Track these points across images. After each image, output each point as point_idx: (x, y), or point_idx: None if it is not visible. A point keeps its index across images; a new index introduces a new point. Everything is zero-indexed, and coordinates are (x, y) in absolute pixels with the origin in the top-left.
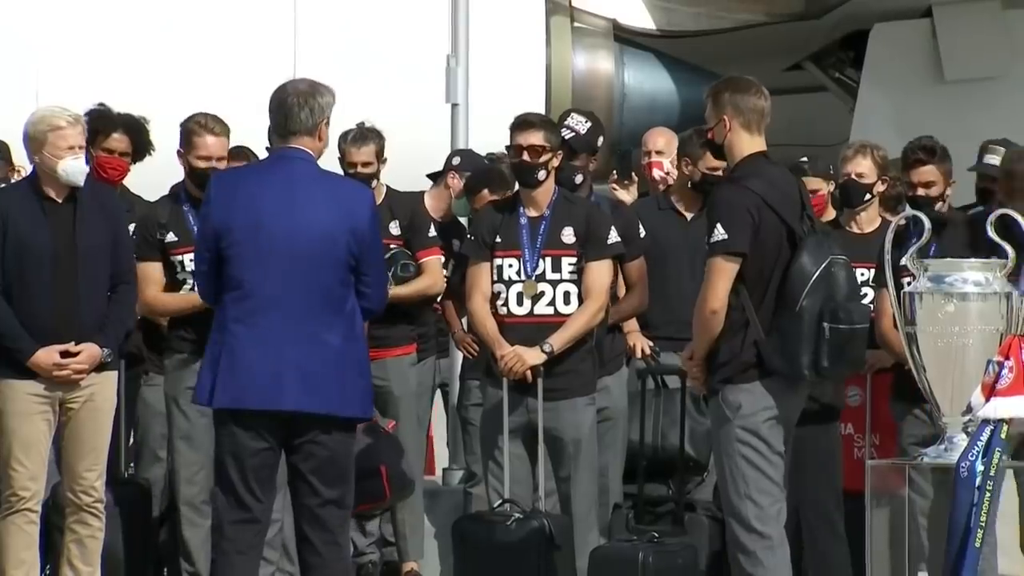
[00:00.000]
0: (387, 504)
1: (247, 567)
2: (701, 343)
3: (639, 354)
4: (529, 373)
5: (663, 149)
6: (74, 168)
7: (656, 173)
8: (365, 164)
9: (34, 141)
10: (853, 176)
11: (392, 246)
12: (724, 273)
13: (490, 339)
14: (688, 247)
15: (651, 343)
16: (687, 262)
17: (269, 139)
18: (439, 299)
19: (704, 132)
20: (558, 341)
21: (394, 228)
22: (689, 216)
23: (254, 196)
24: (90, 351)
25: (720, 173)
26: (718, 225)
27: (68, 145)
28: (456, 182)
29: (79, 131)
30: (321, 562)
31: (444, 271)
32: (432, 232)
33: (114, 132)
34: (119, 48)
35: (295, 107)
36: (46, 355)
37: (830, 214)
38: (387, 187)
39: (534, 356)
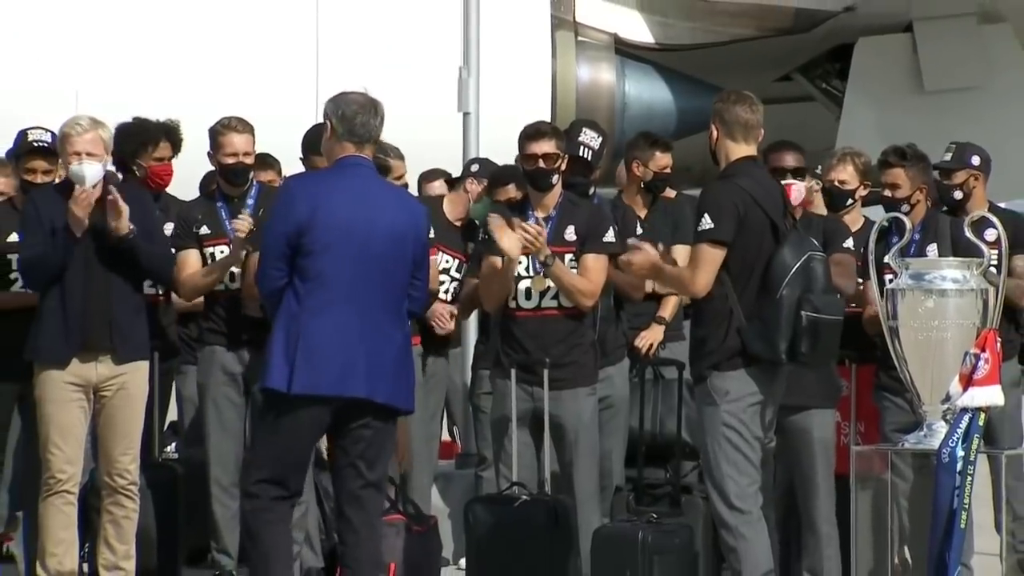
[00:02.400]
0: None
1: (287, 535)
2: (660, 279)
3: (642, 346)
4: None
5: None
6: (76, 172)
7: None
8: (400, 177)
9: (58, 146)
10: (836, 183)
11: None
12: (709, 259)
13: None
14: None
15: (653, 347)
16: None
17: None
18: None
19: (650, 136)
20: (556, 264)
21: None
22: (642, 215)
23: (334, 196)
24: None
25: (668, 171)
26: (705, 215)
27: (75, 151)
28: (474, 187)
29: (88, 138)
30: (357, 540)
31: (457, 274)
32: (431, 234)
33: (161, 141)
34: (150, 57)
35: (372, 115)
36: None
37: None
38: None
39: (543, 245)
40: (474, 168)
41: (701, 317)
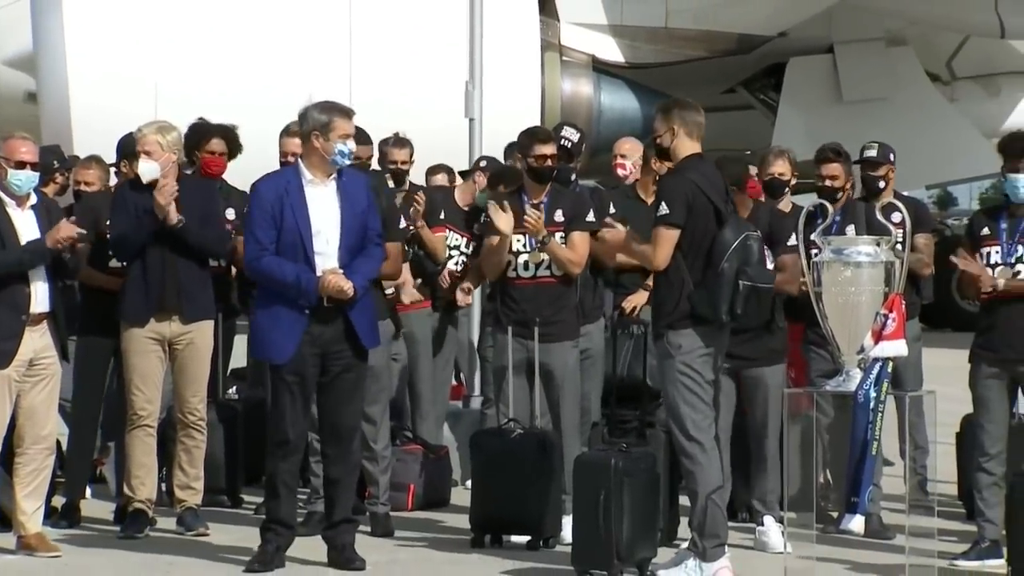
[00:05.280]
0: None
1: None
2: (630, 253)
3: (628, 308)
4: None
5: (626, 153)
6: (140, 167)
7: (620, 171)
8: (403, 162)
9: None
10: (776, 175)
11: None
12: (666, 239)
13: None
14: (650, 224)
15: (638, 309)
16: (650, 236)
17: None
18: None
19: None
20: (552, 242)
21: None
22: (650, 201)
23: None
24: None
25: None
26: (663, 203)
27: (138, 150)
28: (482, 179)
29: (147, 140)
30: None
31: (467, 250)
32: (442, 215)
33: (213, 138)
34: (222, 55)
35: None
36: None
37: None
38: (411, 183)
39: (542, 229)
40: (483, 164)
41: (659, 286)
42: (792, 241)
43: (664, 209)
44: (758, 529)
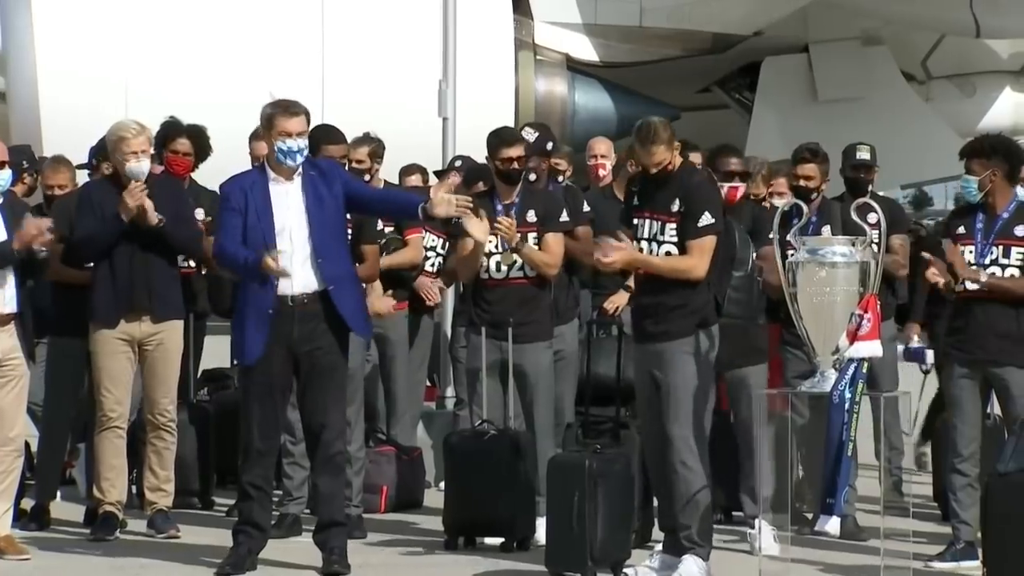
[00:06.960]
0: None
1: None
2: (649, 269)
3: (610, 309)
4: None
5: (605, 153)
6: (134, 168)
7: (600, 172)
8: (359, 161)
9: (110, 145)
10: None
11: (386, 229)
12: (711, 248)
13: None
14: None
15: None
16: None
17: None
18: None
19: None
20: (525, 247)
21: None
22: None
23: None
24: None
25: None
26: (706, 212)
27: (131, 151)
28: (456, 179)
29: (142, 140)
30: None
31: (442, 251)
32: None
33: (180, 138)
34: (192, 55)
35: None
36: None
37: None
38: (384, 180)
39: (515, 235)
40: (457, 163)
41: (672, 288)
42: (771, 234)
43: (709, 219)
44: (750, 533)
